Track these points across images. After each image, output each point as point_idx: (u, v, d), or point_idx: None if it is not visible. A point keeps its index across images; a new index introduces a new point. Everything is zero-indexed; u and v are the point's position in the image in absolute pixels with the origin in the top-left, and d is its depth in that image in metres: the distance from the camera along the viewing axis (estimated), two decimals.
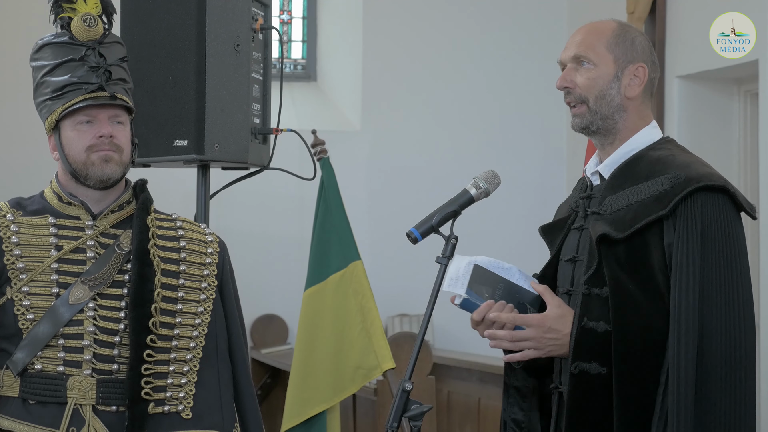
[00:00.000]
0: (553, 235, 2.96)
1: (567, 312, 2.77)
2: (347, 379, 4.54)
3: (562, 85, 2.86)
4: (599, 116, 2.83)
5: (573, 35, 2.90)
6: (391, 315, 7.47)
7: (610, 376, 2.69)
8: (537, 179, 7.76)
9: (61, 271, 2.88)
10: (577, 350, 2.72)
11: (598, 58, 2.82)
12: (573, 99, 2.85)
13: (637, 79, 2.84)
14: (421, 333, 2.68)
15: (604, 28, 2.87)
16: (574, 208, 2.93)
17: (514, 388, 2.96)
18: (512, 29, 7.89)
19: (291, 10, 8.07)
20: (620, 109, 2.83)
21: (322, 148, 4.75)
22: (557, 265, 2.92)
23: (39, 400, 2.85)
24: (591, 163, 2.93)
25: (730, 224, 2.69)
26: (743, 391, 2.64)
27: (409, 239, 2.78)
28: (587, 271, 2.75)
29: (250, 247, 7.30)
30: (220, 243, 3.10)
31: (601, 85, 2.82)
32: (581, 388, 2.73)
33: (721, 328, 2.63)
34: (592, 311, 2.72)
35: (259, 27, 3.96)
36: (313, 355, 4.61)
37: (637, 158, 2.81)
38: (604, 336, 2.70)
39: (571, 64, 2.86)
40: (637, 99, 2.85)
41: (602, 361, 2.69)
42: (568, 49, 2.88)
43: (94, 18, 2.95)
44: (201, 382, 2.97)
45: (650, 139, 2.85)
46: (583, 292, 2.74)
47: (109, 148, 2.90)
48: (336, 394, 4.58)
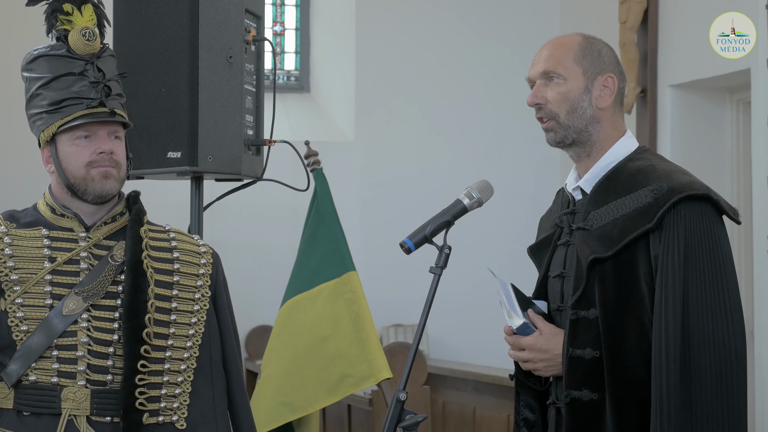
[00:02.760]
0: (540, 254, 2.98)
1: (557, 333, 2.80)
2: (330, 388, 4.49)
3: (533, 101, 2.87)
4: (573, 130, 2.83)
5: (539, 51, 2.90)
6: (386, 325, 7.48)
7: (602, 401, 2.71)
8: (530, 189, 7.77)
9: (55, 282, 2.88)
10: (567, 379, 2.75)
11: (567, 72, 2.83)
12: (544, 114, 2.86)
13: (607, 89, 2.85)
14: (415, 343, 2.69)
15: (570, 42, 2.88)
16: (558, 223, 2.94)
17: (528, 388, 2.96)
18: (505, 40, 7.92)
19: (284, 22, 8.08)
20: (593, 120, 2.84)
21: (316, 159, 4.75)
22: (547, 282, 2.94)
23: (33, 411, 2.84)
24: (570, 178, 2.94)
25: (713, 232, 2.69)
26: (735, 399, 2.63)
27: (402, 249, 2.78)
28: (574, 292, 2.76)
29: (244, 259, 7.30)
30: (214, 254, 3.10)
31: (573, 99, 2.83)
32: (575, 415, 2.75)
33: (708, 337, 2.62)
34: (579, 338, 2.74)
35: (251, 38, 3.97)
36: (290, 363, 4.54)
37: (617, 171, 2.82)
38: (592, 363, 2.72)
39: (540, 81, 2.87)
40: (609, 109, 2.86)
41: (593, 387, 2.72)
42: (535, 66, 2.88)
43: (93, 32, 2.95)
44: (195, 392, 2.97)
45: (627, 150, 2.86)
46: (570, 318, 2.76)
47: (109, 165, 2.90)
48: (317, 401, 4.53)
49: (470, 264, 6.74)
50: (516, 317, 2.83)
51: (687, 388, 2.61)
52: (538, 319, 2.85)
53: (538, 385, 2.93)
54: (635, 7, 6.70)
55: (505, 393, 5.84)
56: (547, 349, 2.80)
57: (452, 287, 5.76)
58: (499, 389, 5.94)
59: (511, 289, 2.87)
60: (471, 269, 6.99)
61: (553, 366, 2.80)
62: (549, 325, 2.84)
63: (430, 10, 7.88)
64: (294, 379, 4.52)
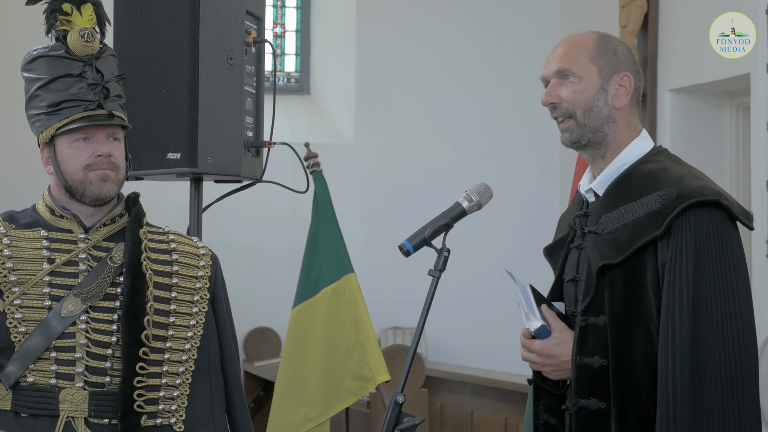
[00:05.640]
0: (555, 255, 2.94)
1: (567, 338, 2.77)
2: (344, 391, 4.52)
3: (547, 100, 2.82)
4: (588, 129, 2.78)
5: (553, 50, 2.85)
6: (384, 328, 7.47)
7: (610, 410, 2.67)
8: (530, 192, 7.77)
9: (54, 284, 2.88)
10: (576, 388, 2.72)
11: (582, 71, 2.79)
12: (560, 114, 2.81)
13: (623, 88, 2.80)
14: (413, 345, 2.68)
15: (585, 40, 2.83)
16: (572, 225, 2.90)
17: (547, 392, 2.92)
18: (505, 44, 7.92)
19: (284, 24, 8.08)
20: (609, 120, 2.79)
21: (315, 161, 4.75)
22: (562, 285, 2.90)
23: (31, 413, 2.84)
24: (584, 179, 2.89)
25: (724, 238, 2.62)
26: (746, 409, 2.57)
27: (401, 252, 2.77)
28: (584, 298, 2.73)
29: (243, 260, 7.30)
30: (212, 256, 3.10)
31: (588, 98, 2.78)
32: (583, 424, 2.72)
33: (718, 345, 2.57)
34: (587, 346, 2.71)
35: (252, 40, 3.97)
36: (304, 370, 4.58)
37: (629, 173, 2.76)
38: (600, 371, 2.69)
39: (554, 79, 2.82)
40: (625, 109, 2.80)
41: (600, 396, 2.69)
42: (550, 65, 2.83)
43: (92, 33, 2.94)
44: (193, 394, 2.97)
45: (641, 151, 2.80)
46: (579, 325, 2.72)
47: (107, 167, 2.90)
48: (333, 407, 4.56)
49: (469, 267, 6.75)
50: (534, 320, 2.80)
51: (697, 399, 2.55)
52: (551, 316, 2.81)
53: (555, 389, 2.89)
54: (635, 11, 6.70)
55: (503, 396, 5.84)
56: (555, 355, 2.77)
57: (451, 290, 5.76)
58: (497, 392, 5.94)
59: (529, 290, 2.84)
60: (470, 272, 7.01)
61: (561, 371, 2.78)
62: (561, 325, 2.79)
63: (431, 13, 7.88)
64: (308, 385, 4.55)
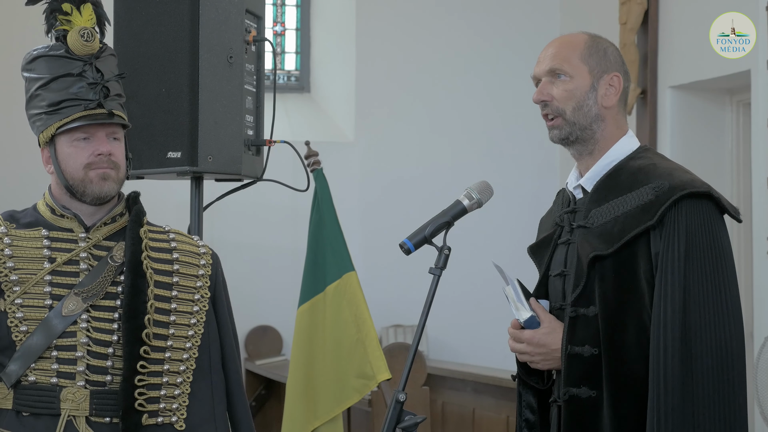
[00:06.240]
0: (540, 253, 2.99)
1: (556, 327, 2.82)
2: (350, 389, 4.53)
3: (539, 98, 2.89)
4: (577, 127, 2.85)
5: (545, 49, 2.92)
6: (385, 326, 7.47)
7: (600, 398, 2.71)
8: (531, 190, 7.77)
9: (55, 283, 2.88)
10: (566, 377, 2.76)
11: (573, 70, 2.85)
12: (550, 111, 2.88)
13: (612, 88, 2.87)
14: (414, 343, 2.68)
15: (576, 40, 2.90)
16: (558, 222, 2.94)
17: (530, 388, 2.96)
18: (505, 43, 7.92)
19: (284, 22, 8.08)
20: (598, 119, 2.85)
21: (316, 159, 4.75)
22: (548, 281, 2.95)
23: (32, 412, 2.84)
24: (571, 176, 2.95)
25: (714, 229, 2.70)
26: (735, 397, 2.63)
27: (402, 250, 2.78)
28: (574, 290, 2.78)
29: (244, 259, 7.31)
30: (213, 255, 3.10)
31: (579, 96, 2.84)
32: (573, 412, 2.76)
33: (709, 334, 2.63)
34: (578, 335, 2.75)
35: (252, 39, 3.97)
36: (312, 369, 4.59)
37: (618, 169, 2.83)
38: (590, 359, 2.73)
39: (546, 78, 2.88)
40: (614, 108, 2.87)
41: (591, 385, 2.73)
42: (541, 64, 2.90)
43: (92, 33, 2.94)
44: (194, 393, 2.97)
45: (629, 149, 2.87)
46: (570, 315, 2.77)
47: (107, 166, 2.90)
48: (339, 405, 4.57)
49: (470, 265, 6.74)
50: (524, 310, 2.85)
51: (687, 384, 2.61)
52: (539, 308, 2.86)
53: (541, 383, 2.94)
54: (635, 8, 6.69)
55: (505, 394, 5.85)
56: (544, 344, 2.81)
57: (452, 288, 5.76)
58: (498, 390, 5.94)
59: (517, 284, 2.89)
60: (471, 270, 7.00)
61: (551, 360, 2.82)
62: (550, 316, 2.85)
63: (430, 11, 7.88)
64: (315, 384, 4.56)
